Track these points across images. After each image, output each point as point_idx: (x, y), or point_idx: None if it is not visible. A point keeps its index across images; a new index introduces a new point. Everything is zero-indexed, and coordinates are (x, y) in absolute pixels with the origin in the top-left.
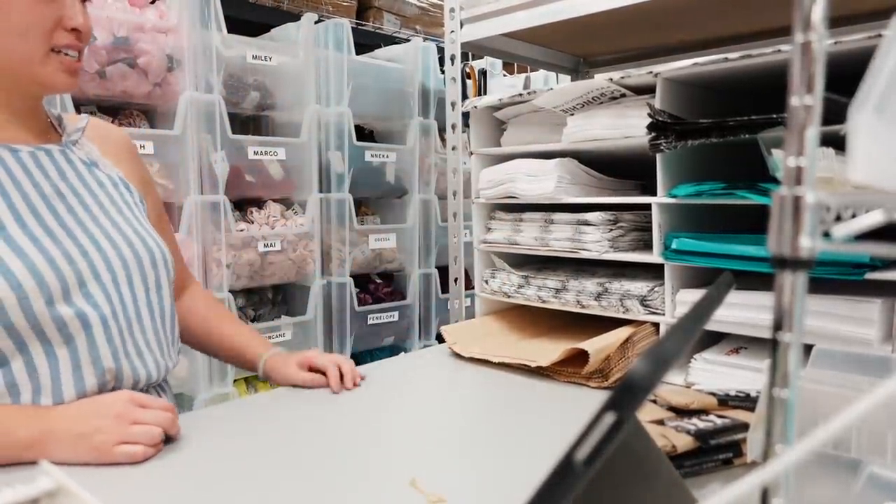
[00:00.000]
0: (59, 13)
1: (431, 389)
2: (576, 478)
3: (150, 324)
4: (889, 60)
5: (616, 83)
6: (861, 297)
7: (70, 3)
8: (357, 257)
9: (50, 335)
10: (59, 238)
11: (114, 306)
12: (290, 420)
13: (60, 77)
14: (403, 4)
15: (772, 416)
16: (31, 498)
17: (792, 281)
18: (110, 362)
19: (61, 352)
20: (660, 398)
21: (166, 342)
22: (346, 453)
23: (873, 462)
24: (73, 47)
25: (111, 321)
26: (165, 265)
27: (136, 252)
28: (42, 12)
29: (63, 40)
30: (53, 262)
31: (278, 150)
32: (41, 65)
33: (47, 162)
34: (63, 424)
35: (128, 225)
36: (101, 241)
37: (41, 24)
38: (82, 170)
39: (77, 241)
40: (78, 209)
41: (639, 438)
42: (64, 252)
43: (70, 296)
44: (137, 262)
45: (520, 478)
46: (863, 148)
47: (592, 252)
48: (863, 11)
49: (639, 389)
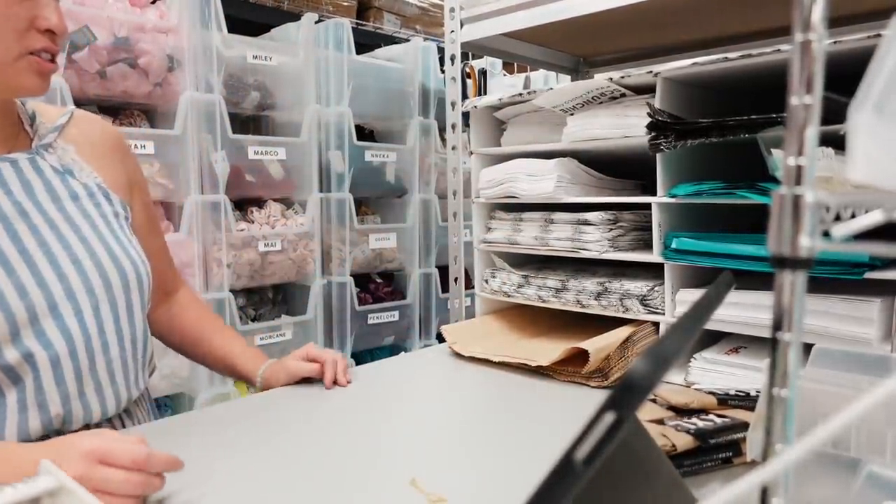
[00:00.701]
0: (33, 13)
1: (431, 389)
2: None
3: (117, 352)
4: (888, 60)
5: (616, 83)
6: (860, 296)
7: (44, 2)
8: (357, 257)
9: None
10: (15, 267)
11: (72, 342)
12: (290, 420)
13: (31, 79)
14: (403, 4)
15: (771, 415)
16: (32, 497)
17: (791, 280)
18: (58, 407)
19: (9, 393)
20: (659, 397)
21: (134, 368)
22: (346, 453)
23: (872, 461)
24: (48, 49)
25: (65, 360)
26: (140, 285)
27: (104, 275)
28: (15, 12)
29: (37, 43)
30: (3, 299)
31: (278, 150)
32: (12, 67)
33: (11, 174)
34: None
35: (99, 242)
36: (64, 267)
37: (13, 25)
38: (53, 179)
39: (36, 270)
40: (42, 228)
41: (639, 438)
42: (18, 284)
43: (20, 335)
44: (106, 286)
45: (520, 477)
46: (862, 147)
47: (592, 252)
48: (862, 11)
49: (638, 389)
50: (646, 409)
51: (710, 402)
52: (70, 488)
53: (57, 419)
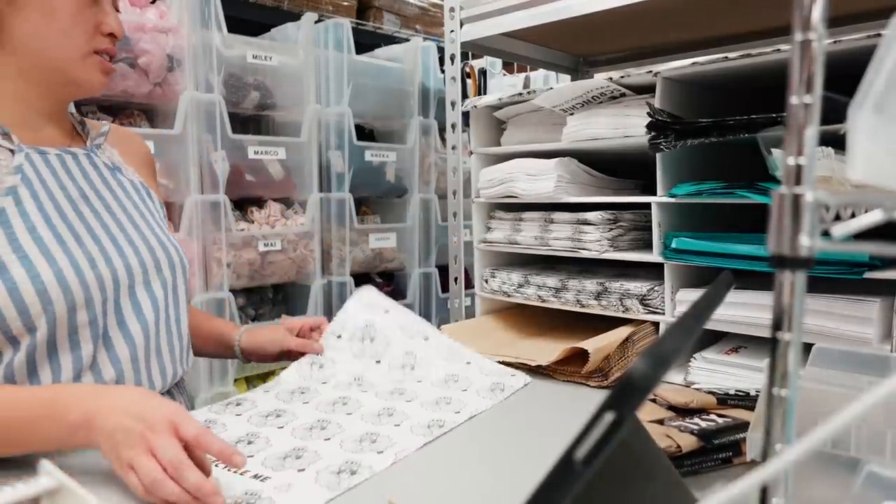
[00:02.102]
0: (98, 18)
1: None
2: (575, 477)
3: (165, 329)
4: (888, 60)
5: (616, 83)
6: (860, 296)
7: (108, 9)
8: (357, 257)
9: (59, 343)
10: (85, 242)
11: (133, 312)
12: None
13: (97, 76)
14: (403, 4)
15: (771, 415)
16: (31, 496)
17: (791, 280)
18: (111, 373)
19: (64, 357)
20: (659, 397)
21: (179, 347)
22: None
23: (872, 461)
24: (109, 51)
25: (126, 328)
26: (183, 271)
27: (155, 257)
28: (85, 16)
29: (101, 44)
30: (78, 268)
31: (278, 150)
32: (81, 64)
33: (73, 165)
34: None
35: (149, 230)
36: (123, 246)
37: (83, 27)
38: (106, 174)
39: (101, 246)
40: (102, 213)
41: (638, 437)
42: (89, 257)
43: (92, 303)
44: (157, 267)
45: (519, 477)
46: (862, 147)
47: (592, 252)
48: (862, 11)
49: (638, 388)
50: (646, 409)
51: (710, 402)
52: (69, 488)
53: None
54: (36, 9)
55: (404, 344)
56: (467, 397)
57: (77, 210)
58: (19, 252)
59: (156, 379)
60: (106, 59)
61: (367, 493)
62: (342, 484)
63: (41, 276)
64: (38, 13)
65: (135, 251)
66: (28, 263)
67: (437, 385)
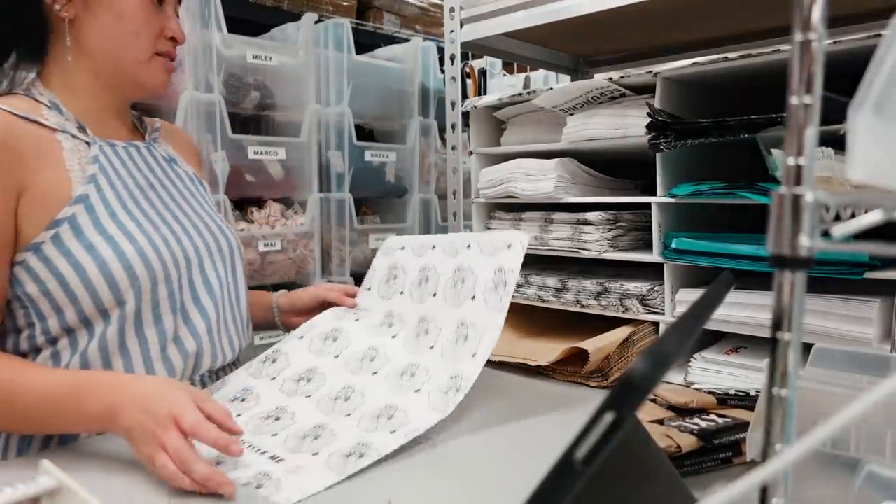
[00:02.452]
0: (162, 23)
1: None
2: (575, 477)
3: (229, 305)
4: (888, 60)
5: (616, 83)
6: (860, 296)
7: (170, 14)
8: (357, 257)
9: (144, 317)
10: (158, 224)
11: (204, 289)
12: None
13: (161, 76)
14: (403, 4)
15: (771, 415)
16: (31, 496)
17: (791, 280)
18: (193, 345)
19: (149, 331)
20: (659, 397)
21: (241, 323)
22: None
23: (872, 461)
24: (170, 53)
25: (199, 303)
26: (239, 252)
27: (216, 239)
28: (151, 20)
29: (164, 47)
30: (156, 247)
31: (278, 150)
32: (147, 64)
33: (137, 156)
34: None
35: (207, 215)
36: (189, 229)
37: (151, 30)
38: (164, 165)
39: (171, 228)
40: (166, 199)
41: (638, 437)
42: (162, 237)
43: (170, 278)
44: (218, 248)
45: (519, 477)
46: (862, 147)
47: (592, 252)
48: (862, 11)
49: (638, 389)
50: (646, 409)
51: (710, 402)
52: (69, 488)
53: (193, 357)
54: (108, 13)
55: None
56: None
57: (146, 196)
58: (104, 234)
59: (227, 350)
60: (168, 61)
61: (367, 493)
62: (348, 468)
63: (126, 254)
64: (111, 17)
65: (199, 233)
66: (113, 243)
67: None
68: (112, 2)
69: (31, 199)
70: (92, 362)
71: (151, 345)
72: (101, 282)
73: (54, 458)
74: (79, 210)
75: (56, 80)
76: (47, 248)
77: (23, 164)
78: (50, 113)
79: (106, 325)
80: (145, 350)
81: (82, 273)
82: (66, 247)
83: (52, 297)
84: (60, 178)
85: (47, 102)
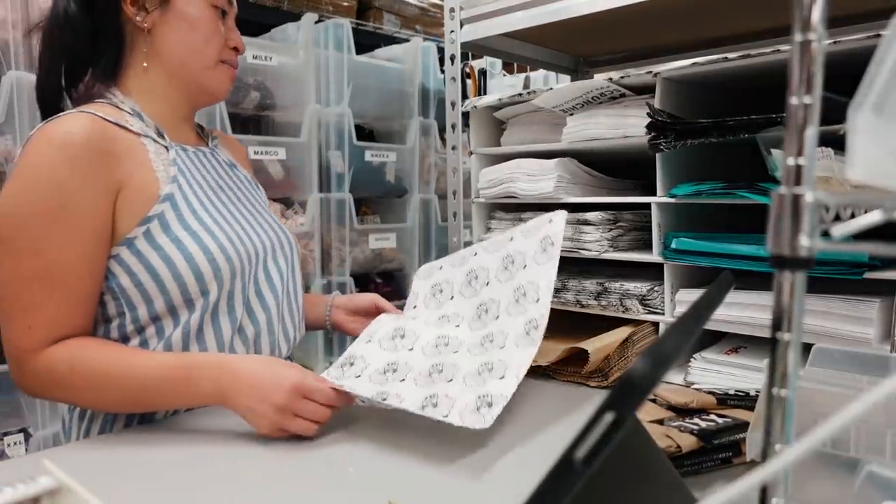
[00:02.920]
0: (226, 34)
1: None
2: (575, 477)
3: (286, 300)
4: (888, 60)
5: (616, 83)
6: (860, 296)
7: (232, 25)
8: (357, 257)
9: (220, 307)
10: (231, 222)
11: (266, 285)
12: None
13: (225, 83)
14: (403, 4)
15: (771, 415)
16: (31, 496)
17: (791, 280)
18: (252, 333)
19: (224, 322)
20: (659, 397)
21: (298, 315)
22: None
23: (872, 461)
24: (233, 62)
25: (262, 297)
26: (296, 253)
27: (279, 238)
28: (218, 30)
29: (228, 56)
30: (233, 242)
31: (278, 150)
32: (213, 71)
33: (205, 160)
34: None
35: (267, 216)
36: (255, 227)
37: (218, 39)
38: (227, 169)
39: (242, 226)
40: (234, 200)
41: (638, 437)
42: (237, 234)
43: (243, 272)
44: (280, 246)
45: (518, 477)
46: (861, 147)
47: (592, 252)
48: (862, 11)
49: (638, 389)
50: (646, 409)
51: (710, 402)
52: (70, 488)
53: (255, 345)
54: (182, 23)
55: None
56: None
57: (218, 197)
58: (189, 230)
59: (282, 343)
60: (231, 69)
61: (367, 493)
62: (488, 419)
63: (209, 248)
64: (185, 27)
65: (263, 231)
66: (197, 238)
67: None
68: (185, 13)
69: (126, 198)
70: (174, 349)
71: (224, 332)
72: (188, 273)
73: (55, 457)
74: (166, 208)
75: (133, 87)
76: (139, 242)
77: (119, 166)
78: (133, 119)
79: (190, 313)
80: (219, 338)
81: (172, 266)
82: (156, 241)
83: (144, 287)
84: (148, 178)
85: (129, 109)
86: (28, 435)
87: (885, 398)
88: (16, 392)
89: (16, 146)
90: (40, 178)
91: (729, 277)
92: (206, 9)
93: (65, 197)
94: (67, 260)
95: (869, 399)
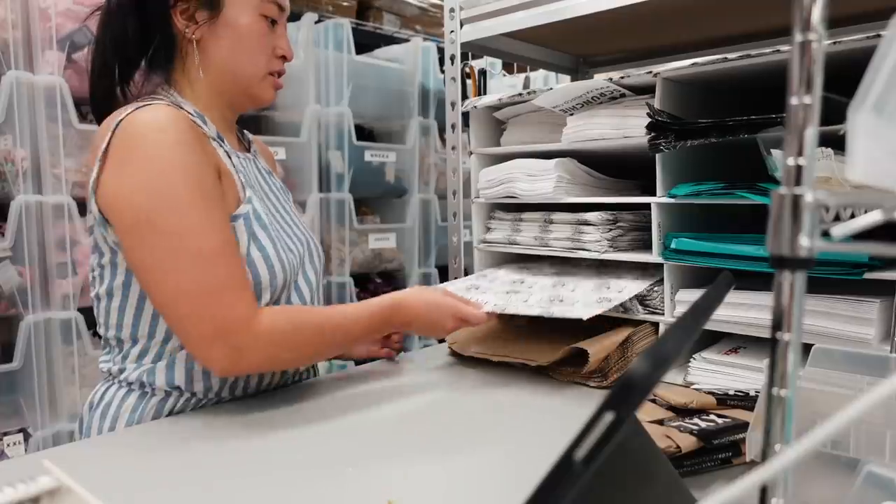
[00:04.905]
0: (275, 43)
1: (430, 389)
2: (574, 477)
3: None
4: (888, 60)
5: (616, 83)
6: (860, 296)
7: (281, 33)
8: (357, 257)
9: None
10: (279, 231)
11: (295, 293)
12: (287, 422)
13: (270, 92)
14: (403, 4)
15: (771, 415)
16: (31, 496)
17: (791, 280)
18: None
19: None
20: (659, 397)
21: None
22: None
23: (871, 461)
24: (281, 71)
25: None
26: (322, 260)
27: (309, 247)
28: (266, 40)
29: (276, 65)
30: (284, 251)
31: (278, 150)
32: (261, 80)
33: (250, 166)
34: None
35: (300, 223)
36: (293, 237)
37: (266, 50)
38: (266, 176)
39: (287, 232)
40: (277, 206)
41: (638, 438)
42: (284, 243)
43: (287, 278)
44: (310, 256)
45: (518, 477)
46: (861, 147)
47: (592, 252)
48: (862, 11)
49: (638, 389)
50: (646, 409)
51: (710, 402)
52: (70, 487)
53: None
54: (231, 34)
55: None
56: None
57: (266, 201)
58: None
59: None
60: (277, 78)
61: (367, 493)
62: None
63: (270, 256)
64: (233, 38)
65: (299, 241)
66: (269, 244)
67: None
68: (234, 24)
69: (223, 186)
70: None
71: None
72: (265, 271)
73: (55, 457)
74: (250, 210)
75: (186, 93)
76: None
77: (213, 153)
78: (198, 120)
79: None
80: None
81: (251, 264)
82: (239, 239)
83: None
84: (232, 176)
85: (191, 111)
86: (28, 435)
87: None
88: (16, 392)
89: (16, 146)
90: (166, 161)
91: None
92: (256, 21)
93: (196, 174)
94: (225, 230)
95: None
